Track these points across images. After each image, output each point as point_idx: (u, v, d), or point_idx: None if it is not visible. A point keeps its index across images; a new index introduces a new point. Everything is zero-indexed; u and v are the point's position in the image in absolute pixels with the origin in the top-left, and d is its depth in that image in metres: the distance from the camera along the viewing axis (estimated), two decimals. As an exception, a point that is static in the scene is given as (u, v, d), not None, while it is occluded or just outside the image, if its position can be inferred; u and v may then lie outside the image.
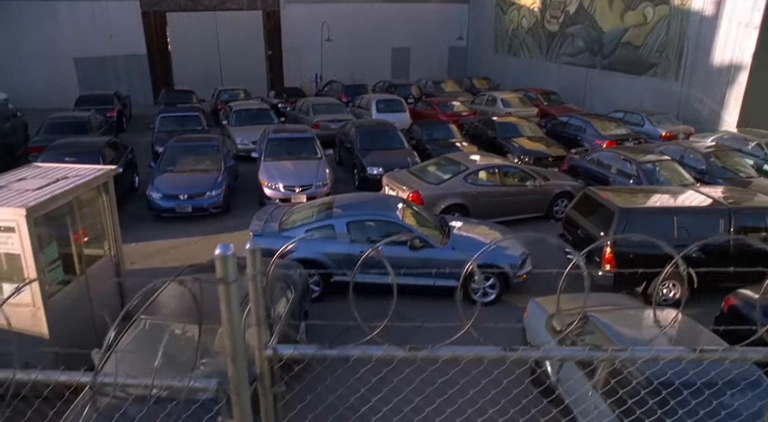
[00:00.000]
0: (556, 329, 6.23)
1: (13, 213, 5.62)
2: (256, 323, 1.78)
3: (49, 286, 6.07)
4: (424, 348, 1.90)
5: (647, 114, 18.23)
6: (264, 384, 1.87)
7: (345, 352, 1.87)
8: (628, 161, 12.40)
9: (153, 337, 5.58)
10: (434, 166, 12.19)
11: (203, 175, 12.07)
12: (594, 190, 9.25)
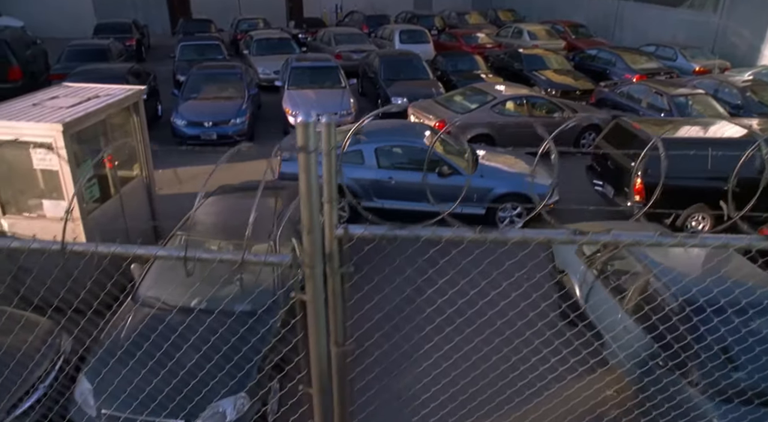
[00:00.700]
0: (587, 254, 6.25)
1: (50, 129, 5.65)
2: (328, 201, 1.79)
3: (86, 203, 6.18)
4: (493, 230, 1.91)
5: (680, 48, 17.56)
6: (333, 264, 1.90)
7: (415, 232, 1.88)
8: (659, 94, 12.05)
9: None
10: (461, 95, 11.96)
11: (227, 103, 12.00)
12: (626, 120, 9.04)
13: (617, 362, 5.45)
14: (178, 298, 5.21)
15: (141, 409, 4.38)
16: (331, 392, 2.10)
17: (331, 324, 1.99)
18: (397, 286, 3.95)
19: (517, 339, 5.88)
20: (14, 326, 5.02)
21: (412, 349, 5.90)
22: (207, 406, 4.42)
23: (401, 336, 5.94)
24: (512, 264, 7.09)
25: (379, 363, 5.57)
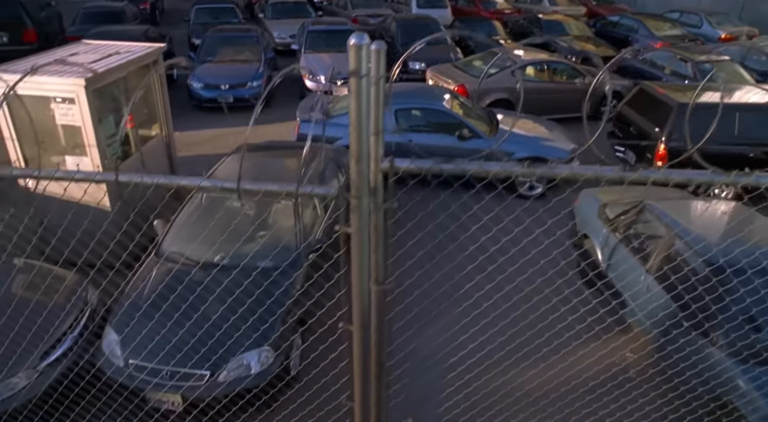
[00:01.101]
0: (609, 217, 6.19)
1: (72, 83, 5.63)
2: (375, 133, 1.76)
3: (108, 160, 6.19)
4: (542, 166, 1.87)
5: (706, 14, 17.09)
6: (377, 199, 1.87)
7: (462, 167, 1.85)
8: (684, 61, 11.77)
9: (212, 210, 5.72)
10: (480, 60, 11.76)
11: (244, 66, 11.90)
12: (650, 85, 8.86)
13: (636, 323, 5.44)
14: (201, 254, 5.25)
15: (167, 360, 4.45)
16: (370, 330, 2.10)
17: (372, 261, 1.98)
18: (428, 234, 3.97)
19: (536, 295, 5.90)
20: (43, 279, 5.10)
21: (443, 298, 5.92)
22: (232, 358, 4.48)
23: (430, 282, 5.96)
24: (533, 221, 7.06)
25: (419, 302, 5.61)
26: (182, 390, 4.39)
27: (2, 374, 4.30)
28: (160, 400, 4.47)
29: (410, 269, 5.48)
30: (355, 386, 2.27)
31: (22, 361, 4.43)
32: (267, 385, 4.50)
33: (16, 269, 5.28)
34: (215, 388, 4.39)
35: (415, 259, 4.27)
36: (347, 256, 1.94)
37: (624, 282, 5.63)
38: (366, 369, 2.21)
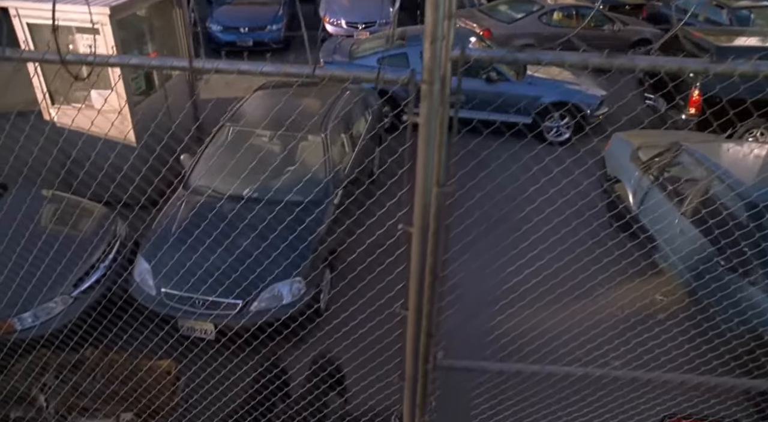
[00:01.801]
0: (642, 160, 6.05)
1: (97, 12, 5.49)
2: (448, 16, 1.64)
3: (132, 95, 6.11)
4: (621, 56, 1.76)
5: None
6: (444, 90, 1.78)
7: (536, 56, 1.74)
8: (719, 7, 11.33)
9: (238, 144, 5.65)
10: (505, 4, 11.38)
11: (263, 9, 11.63)
12: (686, 29, 8.54)
13: (669, 266, 5.37)
14: (230, 187, 5.20)
15: (198, 288, 4.47)
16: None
17: (434, 160, 1.90)
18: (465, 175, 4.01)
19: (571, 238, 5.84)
20: (72, 211, 5.10)
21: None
22: (264, 288, 4.49)
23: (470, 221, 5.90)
24: (562, 166, 6.94)
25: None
26: (214, 318, 4.42)
27: (39, 299, 4.35)
28: (192, 328, 4.51)
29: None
30: (410, 294, 2.23)
31: (56, 288, 4.47)
32: (297, 315, 4.52)
33: (45, 200, 5.28)
34: (247, 317, 4.41)
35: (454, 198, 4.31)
36: (412, 149, 1.86)
37: (657, 226, 5.54)
38: (422, 274, 2.16)
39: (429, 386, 2.67)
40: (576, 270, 5.58)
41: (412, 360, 2.47)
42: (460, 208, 5.60)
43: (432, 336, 2.47)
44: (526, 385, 4.22)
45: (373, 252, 3.26)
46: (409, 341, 2.39)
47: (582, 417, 3.87)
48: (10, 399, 3.61)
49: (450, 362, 2.65)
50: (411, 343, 2.39)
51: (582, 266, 5.63)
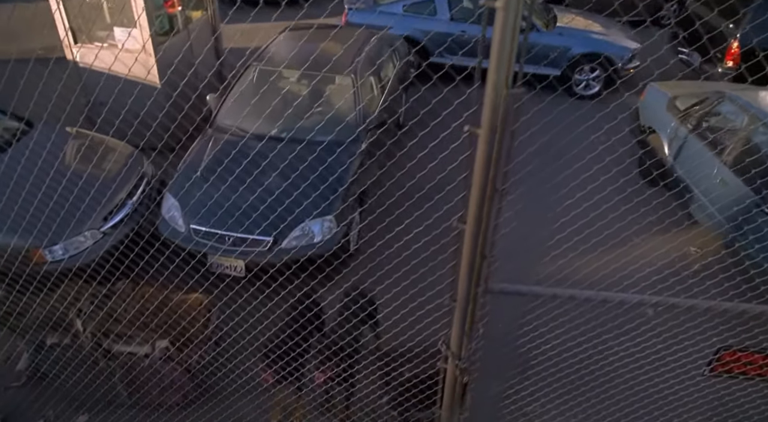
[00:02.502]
0: (680, 109, 5.86)
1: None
2: None
3: (156, 34, 5.96)
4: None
5: None
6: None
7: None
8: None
9: (266, 84, 5.51)
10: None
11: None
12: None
13: (705, 217, 5.24)
14: (258, 127, 5.09)
15: (229, 225, 4.40)
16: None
17: (507, 54, 1.77)
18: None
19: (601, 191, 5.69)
20: (99, 148, 5.02)
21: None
22: (295, 226, 4.42)
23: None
24: (592, 121, 6.76)
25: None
26: (243, 254, 4.37)
27: (68, 233, 4.31)
28: (221, 264, 4.47)
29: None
30: (471, 205, 2.13)
31: (85, 222, 4.43)
32: (328, 252, 4.45)
33: (71, 137, 5.21)
34: (278, 255, 4.35)
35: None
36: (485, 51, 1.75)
37: (694, 176, 5.38)
38: (485, 182, 2.06)
39: (479, 311, 2.60)
40: (613, 219, 5.44)
41: (466, 279, 2.39)
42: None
43: (485, 257, 2.39)
44: (579, 312, 4.14)
45: (403, 185, 3.16)
46: (465, 257, 2.31)
47: (634, 346, 3.82)
48: (46, 326, 3.60)
49: (502, 285, 2.57)
50: (467, 260, 2.31)
51: (612, 217, 5.48)
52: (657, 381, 3.64)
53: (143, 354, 3.46)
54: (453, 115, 2.82)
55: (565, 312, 4.04)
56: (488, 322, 2.70)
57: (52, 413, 3.85)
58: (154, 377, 3.57)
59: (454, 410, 3.00)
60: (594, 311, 4.23)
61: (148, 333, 3.43)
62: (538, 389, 3.69)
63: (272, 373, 3.34)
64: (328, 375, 3.29)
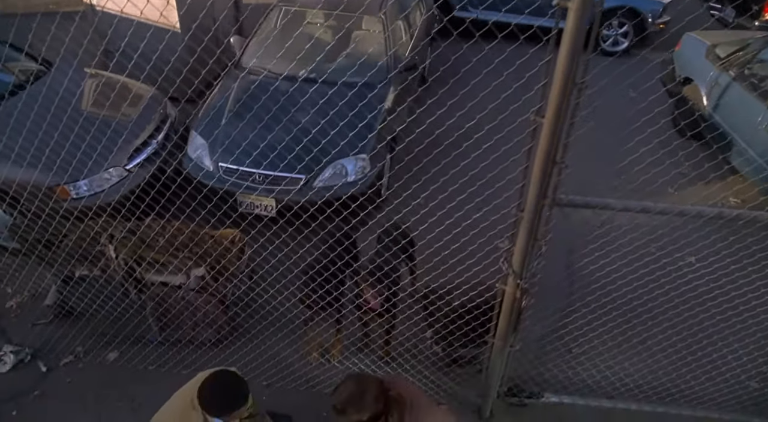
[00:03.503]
0: (720, 57, 5.64)
1: None
2: None
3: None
4: None
5: None
6: None
7: None
8: None
9: (292, 24, 5.31)
10: None
11: None
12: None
13: (745, 164, 5.04)
14: (285, 68, 4.90)
15: (259, 163, 4.23)
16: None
17: None
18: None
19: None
20: (120, 88, 4.83)
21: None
22: (328, 163, 4.25)
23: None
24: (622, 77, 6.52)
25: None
26: (276, 194, 4.21)
27: (92, 169, 4.16)
28: (253, 204, 4.32)
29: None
30: (552, 95, 1.97)
31: (108, 159, 4.27)
32: (363, 196, 4.29)
33: (90, 77, 5.03)
34: (310, 193, 4.19)
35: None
36: None
37: (736, 124, 5.19)
38: (568, 74, 1.90)
39: (543, 226, 2.45)
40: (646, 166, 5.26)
41: (537, 184, 2.23)
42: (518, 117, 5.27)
43: (557, 162, 2.22)
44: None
45: (432, 132, 2.99)
46: (539, 157, 2.14)
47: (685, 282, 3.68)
48: (75, 257, 3.46)
49: (571, 197, 2.42)
50: (541, 160, 2.14)
51: (647, 163, 5.29)
52: (715, 312, 3.50)
53: (177, 284, 3.33)
54: (481, 67, 2.67)
55: (618, 247, 3.86)
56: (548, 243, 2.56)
57: (81, 349, 3.74)
58: (186, 309, 3.44)
59: (509, 338, 2.86)
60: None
61: (182, 260, 3.29)
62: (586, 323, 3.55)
63: (313, 301, 3.21)
64: (382, 296, 3.14)
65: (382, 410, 2.43)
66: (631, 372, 3.55)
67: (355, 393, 2.39)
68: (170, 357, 3.61)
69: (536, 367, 3.55)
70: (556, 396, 3.36)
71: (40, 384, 3.58)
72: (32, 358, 3.71)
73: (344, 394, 2.40)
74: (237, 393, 2.46)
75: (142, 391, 3.51)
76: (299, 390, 3.50)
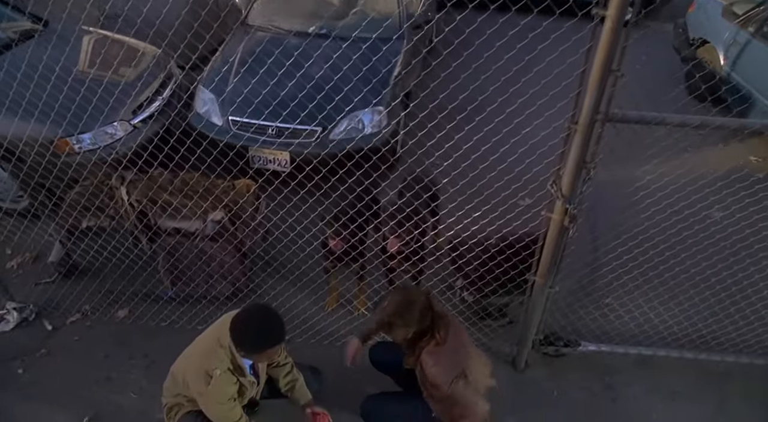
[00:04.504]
0: (738, 14, 5.51)
1: None
2: None
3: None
4: None
5: None
6: None
7: None
8: None
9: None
10: None
11: None
12: None
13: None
14: (295, 24, 4.71)
15: (273, 116, 4.04)
16: None
17: None
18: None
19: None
20: (120, 46, 4.62)
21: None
22: (345, 115, 4.07)
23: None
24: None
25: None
26: (291, 147, 4.02)
27: (97, 123, 3.95)
28: (266, 159, 4.13)
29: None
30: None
31: (114, 114, 4.05)
32: (379, 147, 4.11)
33: (89, 35, 4.82)
34: (327, 145, 4.00)
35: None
36: None
37: (758, 81, 5.06)
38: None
39: (594, 145, 2.28)
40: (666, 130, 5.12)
41: (594, 92, 2.06)
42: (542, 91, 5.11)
43: (612, 71, 2.06)
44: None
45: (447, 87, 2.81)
46: (599, 57, 1.98)
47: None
48: (79, 208, 3.26)
49: (626, 112, 2.25)
50: (601, 61, 1.97)
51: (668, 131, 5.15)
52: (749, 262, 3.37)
53: (192, 231, 3.13)
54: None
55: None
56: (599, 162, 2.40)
57: (88, 307, 3.54)
58: (201, 259, 3.25)
59: (550, 274, 2.70)
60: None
61: (197, 204, 3.09)
62: (616, 277, 3.40)
63: (340, 242, 3.04)
64: (403, 241, 2.97)
65: (429, 325, 2.28)
66: (666, 319, 3.40)
67: (403, 305, 2.24)
68: (183, 313, 3.42)
69: (569, 318, 3.39)
70: (594, 345, 3.21)
71: (46, 342, 3.37)
72: (37, 317, 3.50)
73: (391, 306, 2.25)
74: (274, 328, 2.26)
75: (154, 348, 3.32)
76: (322, 345, 3.33)
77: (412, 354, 2.37)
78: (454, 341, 2.35)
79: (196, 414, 2.49)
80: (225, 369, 2.30)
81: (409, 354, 2.39)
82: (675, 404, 3.07)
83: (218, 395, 2.32)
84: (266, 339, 2.24)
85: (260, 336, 2.23)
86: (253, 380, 2.47)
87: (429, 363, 2.29)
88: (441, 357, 2.30)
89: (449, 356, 2.31)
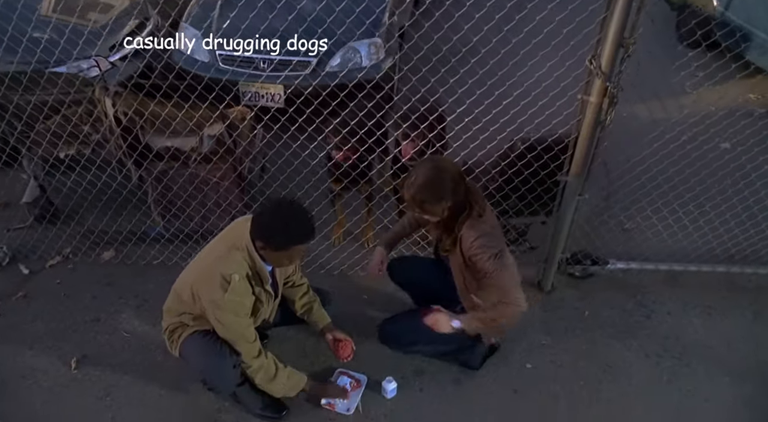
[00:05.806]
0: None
1: None
2: None
3: None
4: None
5: None
6: None
7: None
8: None
9: None
10: None
11: None
12: None
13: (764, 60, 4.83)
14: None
15: (264, 48, 3.76)
16: None
17: None
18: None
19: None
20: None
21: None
22: (340, 45, 3.82)
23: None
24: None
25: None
26: (284, 80, 3.75)
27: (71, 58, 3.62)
28: (258, 94, 3.85)
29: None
30: None
31: (89, 48, 3.72)
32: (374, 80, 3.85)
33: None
34: (322, 79, 3.74)
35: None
36: None
37: (754, 18, 4.97)
38: None
39: (636, 14, 2.08)
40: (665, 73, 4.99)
41: None
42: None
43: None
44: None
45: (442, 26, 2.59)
46: None
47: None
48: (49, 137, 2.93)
49: None
50: None
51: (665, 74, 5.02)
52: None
53: (186, 149, 2.83)
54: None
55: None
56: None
57: (69, 249, 3.21)
58: (197, 189, 2.96)
59: (583, 170, 2.48)
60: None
61: (190, 115, 2.78)
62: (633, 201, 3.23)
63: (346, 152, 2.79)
64: (417, 147, 2.73)
65: (464, 197, 2.02)
66: (693, 236, 3.22)
67: (433, 174, 1.96)
68: (175, 250, 3.12)
69: (591, 240, 3.19)
70: (623, 263, 3.02)
71: (24, 286, 3.04)
72: (12, 261, 3.16)
73: (420, 178, 1.97)
74: (306, 220, 1.99)
75: (146, 288, 3.02)
76: (331, 274, 3.07)
77: (449, 235, 2.12)
78: (491, 217, 2.12)
79: (203, 333, 2.21)
80: (243, 275, 2.04)
81: (446, 237, 2.14)
82: (711, 319, 2.90)
83: (236, 305, 2.05)
84: (298, 230, 1.97)
85: (292, 227, 1.96)
86: (271, 292, 2.20)
87: (470, 237, 2.03)
88: (484, 227, 2.05)
89: (490, 230, 2.08)
